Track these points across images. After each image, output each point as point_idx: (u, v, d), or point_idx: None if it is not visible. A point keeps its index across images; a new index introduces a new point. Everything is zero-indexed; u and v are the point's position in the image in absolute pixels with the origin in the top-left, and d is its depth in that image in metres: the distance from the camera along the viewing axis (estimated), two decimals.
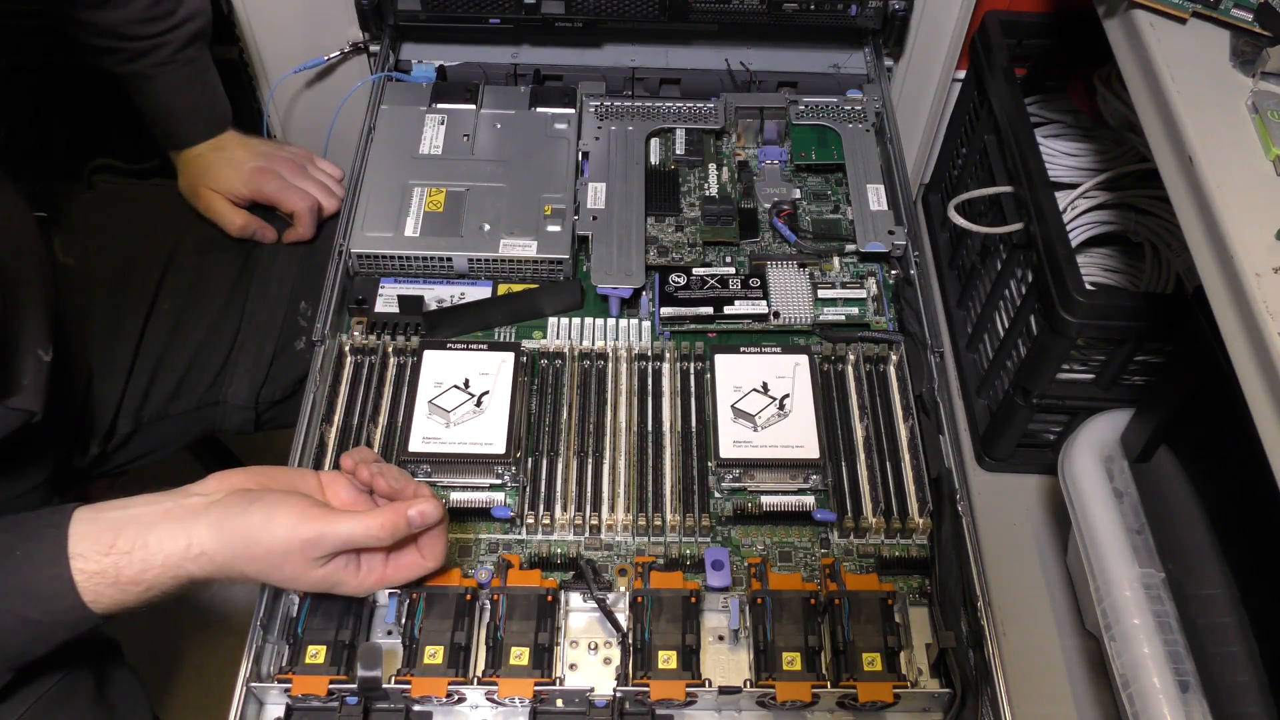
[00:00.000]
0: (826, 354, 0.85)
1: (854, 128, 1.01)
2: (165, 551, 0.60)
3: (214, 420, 0.96)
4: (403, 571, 0.67)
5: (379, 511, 0.63)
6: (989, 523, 0.99)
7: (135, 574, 0.60)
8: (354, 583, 0.65)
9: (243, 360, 0.95)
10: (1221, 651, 0.77)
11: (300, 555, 0.61)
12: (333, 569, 0.63)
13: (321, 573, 0.63)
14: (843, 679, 0.67)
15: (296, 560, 0.62)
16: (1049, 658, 0.92)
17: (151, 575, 0.60)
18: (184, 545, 0.60)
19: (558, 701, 0.67)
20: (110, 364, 0.89)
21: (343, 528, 0.62)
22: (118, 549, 0.60)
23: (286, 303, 0.97)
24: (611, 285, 0.87)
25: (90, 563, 0.59)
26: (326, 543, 0.62)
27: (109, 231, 0.94)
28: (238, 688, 0.67)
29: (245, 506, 0.61)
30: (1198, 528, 0.82)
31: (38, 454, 0.81)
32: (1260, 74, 0.68)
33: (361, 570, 0.65)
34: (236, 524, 0.61)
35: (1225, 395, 0.60)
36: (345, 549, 0.63)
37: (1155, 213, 1.01)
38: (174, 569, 0.60)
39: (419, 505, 0.64)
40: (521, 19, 1.03)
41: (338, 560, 0.63)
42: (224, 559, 0.61)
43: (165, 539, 0.60)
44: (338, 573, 0.64)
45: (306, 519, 0.61)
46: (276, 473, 0.66)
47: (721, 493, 0.79)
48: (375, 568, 0.65)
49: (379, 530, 0.62)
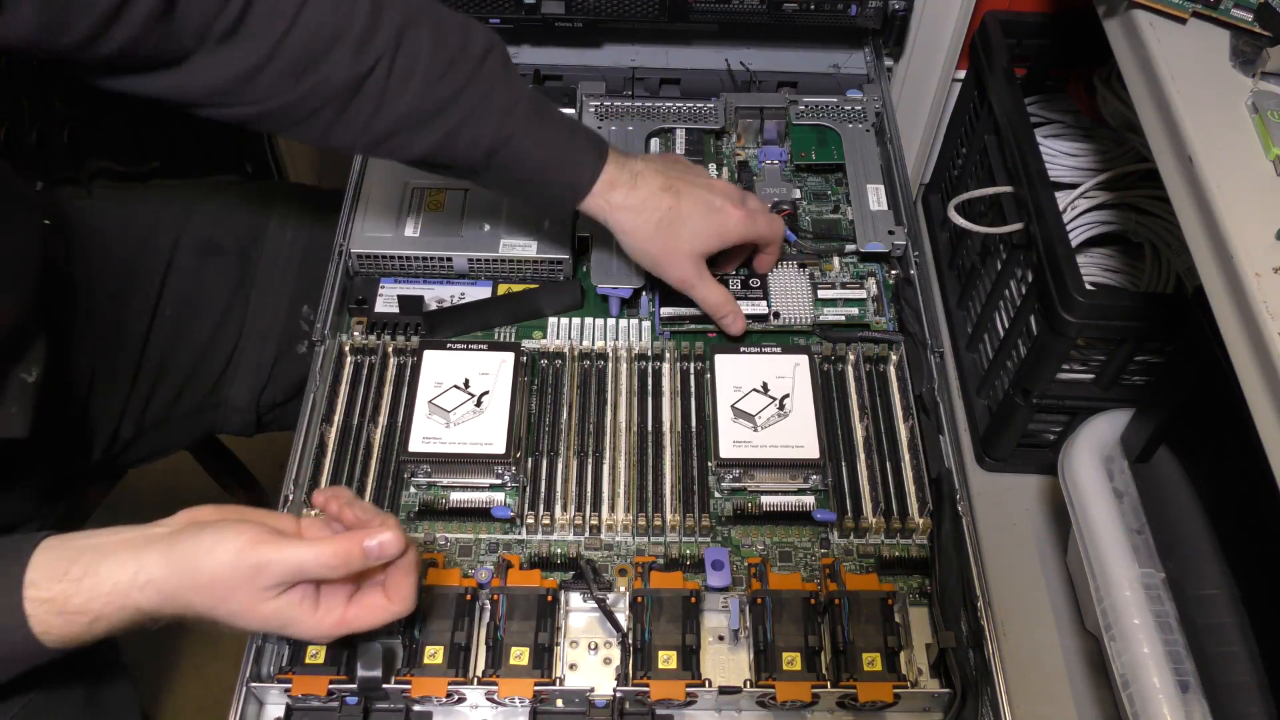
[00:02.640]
0: (826, 354, 0.85)
1: (854, 128, 1.01)
2: (114, 580, 0.57)
3: (215, 422, 0.96)
4: (365, 614, 0.61)
5: (333, 538, 0.59)
6: (989, 523, 0.99)
7: (82, 602, 0.57)
8: (309, 622, 0.59)
9: (244, 363, 0.95)
10: (1221, 651, 0.76)
11: (248, 584, 0.57)
12: (286, 603, 0.59)
13: (273, 606, 0.58)
14: (843, 679, 0.67)
15: (244, 590, 0.57)
16: (1049, 658, 0.92)
17: (98, 605, 0.57)
18: (132, 573, 0.57)
19: (558, 701, 0.67)
20: (113, 371, 0.89)
21: (292, 553, 0.57)
22: (70, 576, 0.57)
23: (288, 306, 0.97)
24: (611, 285, 0.87)
25: (42, 590, 0.57)
26: (274, 569, 0.57)
27: (109, 239, 0.92)
28: (238, 688, 0.67)
29: (197, 533, 0.58)
30: (1198, 528, 0.82)
31: (29, 467, 0.80)
32: (1260, 74, 0.68)
33: (320, 608, 0.60)
34: (184, 550, 0.57)
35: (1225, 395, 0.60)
36: (297, 578, 0.58)
37: (1155, 213, 1.01)
38: (121, 598, 0.57)
39: (379, 535, 0.59)
40: (521, 19, 1.03)
41: (293, 594, 0.59)
42: (170, 588, 0.57)
43: (116, 567, 0.57)
44: (292, 608, 0.59)
45: (255, 543, 0.57)
46: (250, 512, 0.62)
47: (721, 493, 0.79)
48: (335, 607, 0.60)
49: (330, 558, 0.58)
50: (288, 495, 0.77)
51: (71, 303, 0.86)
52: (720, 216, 0.81)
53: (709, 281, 0.83)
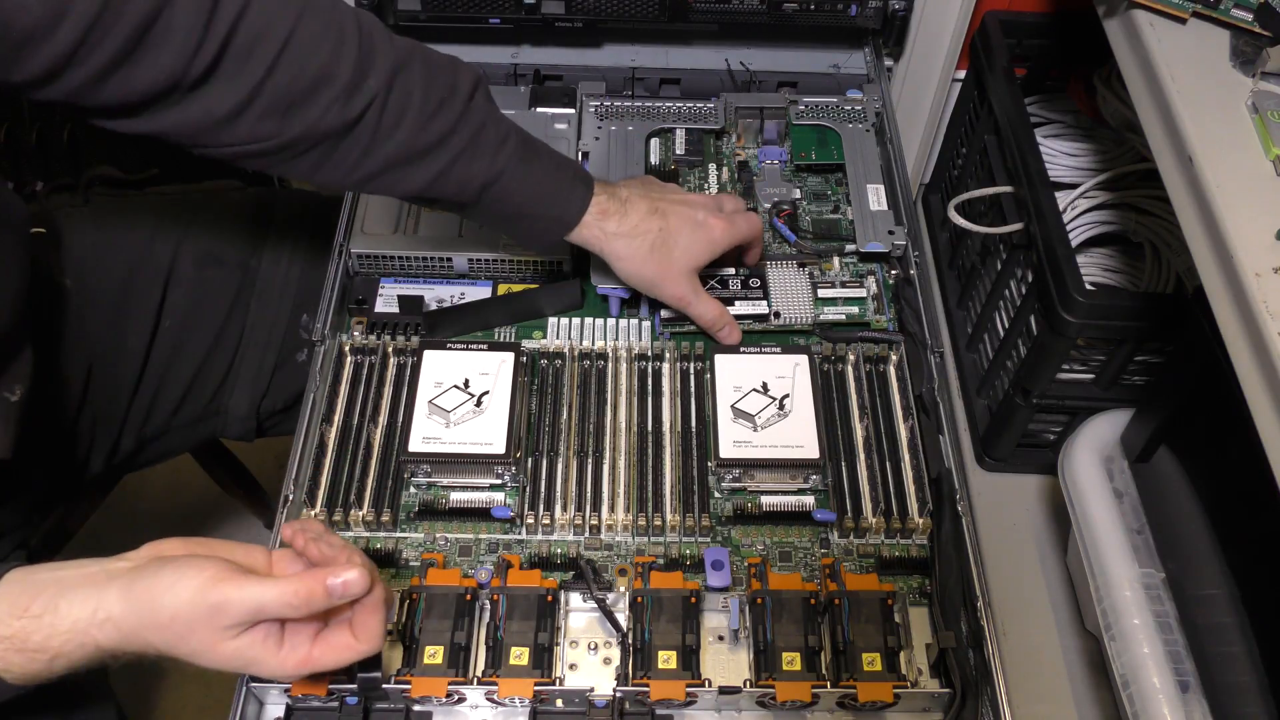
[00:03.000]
0: (826, 354, 0.85)
1: (854, 128, 1.01)
2: (74, 617, 0.56)
3: (215, 429, 0.96)
4: (331, 653, 0.59)
5: (296, 577, 0.57)
6: (989, 523, 0.99)
7: (41, 640, 0.56)
8: (273, 662, 0.58)
9: (244, 372, 0.94)
10: (1221, 651, 0.77)
11: (207, 623, 0.55)
12: (248, 642, 0.57)
13: (234, 645, 0.56)
14: (843, 679, 0.67)
15: (203, 630, 0.56)
16: (1049, 658, 0.92)
17: (57, 642, 0.56)
18: (91, 610, 0.56)
19: (558, 701, 0.67)
20: (112, 384, 0.88)
21: (252, 592, 0.56)
22: (30, 612, 0.56)
23: (288, 315, 0.96)
24: (611, 285, 0.87)
25: (3, 626, 0.56)
26: (234, 609, 0.55)
27: (108, 250, 0.91)
28: (238, 688, 0.67)
29: (157, 570, 0.56)
30: (1198, 528, 0.82)
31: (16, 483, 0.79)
32: (1260, 74, 0.68)
33: (284, 648, 0.58)
34: (143, 588, 0.56)
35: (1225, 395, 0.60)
36: (258, 618, 0.57)
37: (1155, 213, 1.01)
38: (80, 635, 0.56)
39: (345, 574, 0.57)
40: (521, 19, 1.03)
41: (255, 633, 0.57)
42: (129, 627, 0.56)
43: (76, 604, 0.56)
44: (255, 647, 0.57)
45: (215, 581, 0.55)
46: (217, 545, 0.60)
47: (721, 493, 0.79)
48: (299, 646, 0.58)
49: (292, 597, 0.56)
50: (288, 495, 0.77)
51: (62, 314, 0.84)
52: (706, 230, 0.82)
53: (704, 297, 0.84)
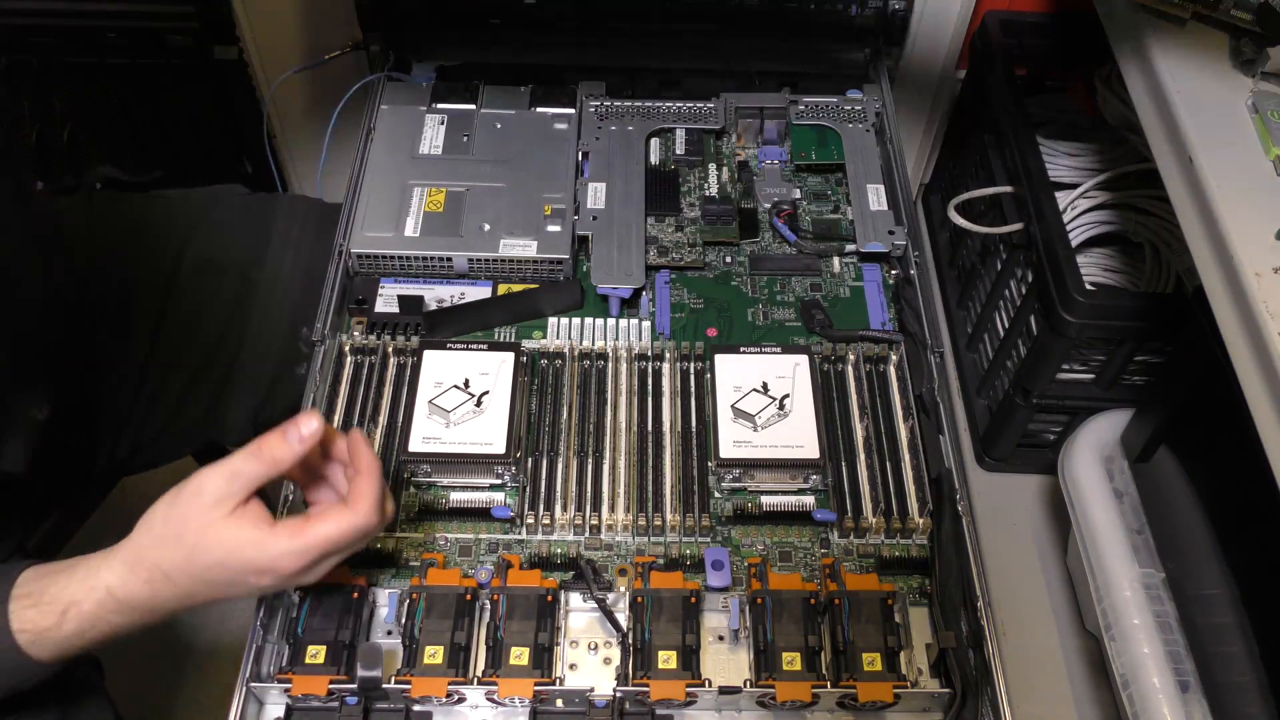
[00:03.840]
0: (826, 354, 0.85)
1: (854, 128, 1.01)
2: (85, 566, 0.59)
3: (213, 435, 0.96)
4: (325, 525, 0.59)
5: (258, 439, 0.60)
6: (989, 523, 0.99)
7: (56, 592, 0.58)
8: (270, 541, 0.59)
9: (243, 382, 0.94)
10: (1221, 651, 0.77)
11: (193, 508, 0.58)
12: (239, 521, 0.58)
13: (229, 527, 0.58)
14: (843, 679, 0.67)
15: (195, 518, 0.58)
16: (1049, 658, 0.92)
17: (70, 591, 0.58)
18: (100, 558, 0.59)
19: (558, 701, 0.67)
20: (114, 393, 0.88)
21: (222, 464, 0.59)
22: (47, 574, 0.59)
23: (288, 325, 0.96)
24: (611, 285, 0.87)
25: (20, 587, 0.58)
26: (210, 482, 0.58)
27: (110, 257, 0.90)
28: (238, 688, 0.67)
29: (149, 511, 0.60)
30: (1198, 528, 0.82)
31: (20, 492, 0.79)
32: (1260, 74, 0.68)
33: (278, 524, 0.59)
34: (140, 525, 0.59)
35: (1225, 395, 0.60)
36: (236, 483, 0.59)
37: (1155, 213, 1.01)
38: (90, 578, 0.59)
39: (300, 421, 0.60)
40: (521, 18, 1.03)
41: (246, 511, 0.59)
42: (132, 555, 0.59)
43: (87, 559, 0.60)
44: (248, 528, 0.58)
45: (193, 477, 0.59)
46: None
47: (721, 493, 0.79)
48: (293, 520, 0.60)
49: (254, 448, 0.59)
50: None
51: (68, 325, 0.84)
52: None
53: None
